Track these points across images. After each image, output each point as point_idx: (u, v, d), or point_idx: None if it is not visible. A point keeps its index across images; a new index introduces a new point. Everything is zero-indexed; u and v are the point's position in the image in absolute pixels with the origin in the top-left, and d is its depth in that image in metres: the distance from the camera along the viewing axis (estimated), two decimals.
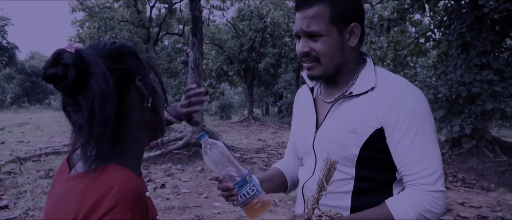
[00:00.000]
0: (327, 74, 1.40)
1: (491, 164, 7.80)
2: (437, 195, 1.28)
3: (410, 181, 1.31)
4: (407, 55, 11.07)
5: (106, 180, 0.88)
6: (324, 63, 1.37)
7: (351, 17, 1.37)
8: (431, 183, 1.28)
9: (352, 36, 1.39)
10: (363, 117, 1.35)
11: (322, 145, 1.44)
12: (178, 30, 22.46)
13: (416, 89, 1.35)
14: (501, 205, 5.65)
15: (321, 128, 1.45)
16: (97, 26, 18.60)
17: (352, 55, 1.42)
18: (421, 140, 1.30)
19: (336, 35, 1.35)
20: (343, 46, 1.38)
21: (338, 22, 1.35)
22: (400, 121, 1.30)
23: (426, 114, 1.32)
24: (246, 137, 14.94)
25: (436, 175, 1.29)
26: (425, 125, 1.31)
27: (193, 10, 9.27)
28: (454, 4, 8.83)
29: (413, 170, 1.30)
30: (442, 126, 8.97)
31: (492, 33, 8.01)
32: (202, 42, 9.62)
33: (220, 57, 23.53)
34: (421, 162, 1.29)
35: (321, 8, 1.33)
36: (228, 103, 29.28)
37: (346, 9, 1.35)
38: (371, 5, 19.75)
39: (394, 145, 1.32)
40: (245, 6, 22.17)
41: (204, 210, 5.27)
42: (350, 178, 1.40)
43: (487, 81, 7.76)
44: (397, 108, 1.31)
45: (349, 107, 1.39)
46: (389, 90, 1.34)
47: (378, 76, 1.39)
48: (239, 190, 1.35)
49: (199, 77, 9.46)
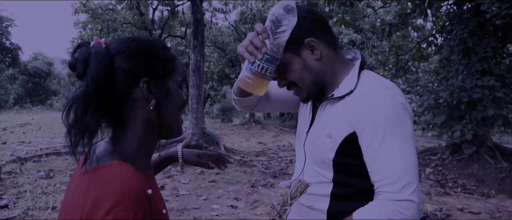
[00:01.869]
0: (312, 93, 1.42)
1: (492, 170, 7.78)
2: (403, 204, 1.18)
3: (377, 189, 1.25)
4: (409, 60, 11.06)
5: (109, 178, 0.91)
6: (303, 87, 1.40)
7: (301, 35, 1.33)
8: (395, 191, 1.19)
9: (313, 50, 1.36)
10: (338, 121, 1.34)
11: (309, 147, 1.48)
12: (180, 32, 22.50)
13: (389, 92, 1.29)
14: (501, 212, 5.64)
15: (310, 130, 1.48)
16: (100, 27, 18.66)
17: (326, 65, 1.39)
18: (390, 145, 1.23)
19: (296, 59, 1.35)
20: (307, 64, 1.36)
21: (291, 48, 1.33)
22: (368, 126, 1.26)
23: (396, 118, 1.25)
24: (246, 140, 14.94)
25: (403, 182, 1.20)
26: (395, 130, 1.24)
27: (195, 12, 9.29)
28: (456, 10, 8.83)
29: (379, 177, 1.24)
30: (443, 131, 8.95)
31: (494, 39, 8.00)
32: (203, 45, 9.64)
33: (222, 60, 23.55)
34: (387, 168, 1.22)
35: None
36: (229, 106, 29.27)
37: (292, 34, 1.30)
38: (373, 9, 19.79)
39: (364, 150, 1.28)
40: (247, 9, 22.20)
41: (203, 212, 5.26)
42: (328, 181, 1.40)
43: (489, 87, 7.75)
44: (365, 112, 1.27)
45: (330, 110, 1.39)
46: (360, 94, 1.31)
47: (361, 79, 1.37)
48: (263, 60, 1.29)
49: (200, 79, 9.47)
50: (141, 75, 0.99)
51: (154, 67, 1.02)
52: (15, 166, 7.45)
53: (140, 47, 1.02)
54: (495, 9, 7.52)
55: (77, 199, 0.91)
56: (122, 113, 1.00)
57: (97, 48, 0.98)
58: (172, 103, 1.05)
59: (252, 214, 5.25)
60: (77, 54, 0.97)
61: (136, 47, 1.01)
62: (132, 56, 1.00)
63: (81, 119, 0.93)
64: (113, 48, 1.00)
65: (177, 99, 1.07)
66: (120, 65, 0.98)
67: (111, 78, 0.97)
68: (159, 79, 1.02)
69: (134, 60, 1.00)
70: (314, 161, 1.44)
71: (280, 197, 1.31)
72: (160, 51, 1.05)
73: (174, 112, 1.07)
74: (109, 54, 0.98)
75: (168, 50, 1.08)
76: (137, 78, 0.99)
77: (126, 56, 0.99)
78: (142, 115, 1.01)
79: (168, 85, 1.04)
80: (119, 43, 1.01)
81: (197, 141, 9.36)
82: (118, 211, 0.84)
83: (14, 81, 39.75)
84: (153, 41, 1.06)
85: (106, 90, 0.95)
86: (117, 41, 1.03)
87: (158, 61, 1.03)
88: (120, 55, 0.99)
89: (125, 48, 1.00)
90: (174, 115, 1.08)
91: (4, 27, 35.58)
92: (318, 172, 1.42)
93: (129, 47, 1.01)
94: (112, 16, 18.45)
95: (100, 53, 0.96)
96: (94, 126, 0.94)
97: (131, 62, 0.99)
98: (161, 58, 1.04)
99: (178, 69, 1.08)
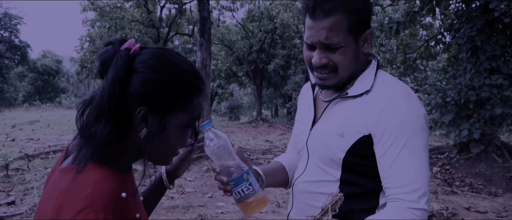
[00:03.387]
0: (341, 83, 1.37)
1: (499, 169, 7.72)
2: (419, 213, 1.22)
3: (392, 195, 1.26)
4: (417, 58, 10.99)
5: (83, 179, 0.90)
6: (341, 73, 1.33)
7: (365, 24, 1.33)
8: (413, 200, 1.22)
9: (365, 43, 1.35)
10: (353, 121, 1.32)
11: (314, 144, 1.44)
12: (188, 30, 22.55)
13: (412, 101, 1.29)
14: (508, 211, 5.59)
15: (315, 127, 1.44)
16: (108, 25, 18.75)
17: (363, 60, 1.39)
18: (409, 154, 1.24)
19: (353, 44, 1.31)
20: (358, 54, 1.34)
21: (355, 31, 1.30)
22: (388, 132, 1.25)
23: (418, 128, 1.26)
24: (253, 138, 14.94)
25: (420, 192, 1.22)
26: (415, 139, 1.25)
27: (201, 10, 9.30)
28: (464, 8, 8.76)
29: (396, 184, 1.25)
30: (451, 130, 8.89)
31: (502, 37, 7.93)
32: (210, 43, 9.64)
33: (230, 58, 23.56)
34: (405, 177, 1.24)
35: (339, 18, 1.27)
36: (237, 104, 29.32)
37: (362, 17, 1.31)
38: (381, 7, 19.68)
39: (380, 155, 1.28)
40: (255, 7, 22.18)
41: (208, 210, 5.28)
42: (335, 180, 1.38)
43: (497, 86, 7.68)
44: (387, 118, 1.26)
45: (343, 108, 1.37)
46: (382, 98, 1.30)
47: (378, 80, 1.35)
48: (234, 187, 1.29)
49: (207, 77, 9.48)
50: (143, 102, 0.95)
51: (159, 100, 0.96)
52: (22, 162, 7.51)
53: (160, 74, 0.96)
54: (504, 7, 7.45)
55: (51, 198, 0.91)
56: (118, 121, 0.96)
57: (121, 54, 0.95)
58: (165, 140, 1.00)
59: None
60: (102, 52, 0.96)
61: (157, 72, 0.96)
62: (146, 82, 0.95)
63: (93, 125, 0.93)
64: (140, 60, 0.96)
65: (173, 139, 1.01)
66: (134, 83, 0.95)
67: (123, 90, 0.94)
68: (160, 113, 0.97)
69: (145, 87, 0.95)
70: (321, 159, 1.41)
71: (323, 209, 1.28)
72: (178, 86, 0.98)
73: (164, 149, 1.02)
74: (130, 66, 0.95)
75: (189, 85, 1.00)
76: (138, 103, 0.95)
77: (142, 77, 0.95)
78: (132, 133, 0.98)
79: (167, 122, 0.98)
80: (148, 58, 0.97)
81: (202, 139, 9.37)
82: (88, 213, 0.84)
83: (23, 79, 40.08)
84: (181, 72, 1.00)
85: (117, 100, 0.93)
86: (150, 53, 0.98)
87: (168, 96, 0.97)
88: (139, 74, 0.95)
89: (147, 68, 0.96)
90: (163, 152, 1.03)
91: (13, 25, 35.88)
92: (325, 170, 1.40)
93: (151, 69, 0.96)
94: (120, 14, 18.53)
95: (121, 62, 0.94)
96: (103, 135, 0.93)
97: (143, 85, 0.95)
98: (174, 94, 0.98)
99: (189, 109, 1.01)
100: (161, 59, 0.98)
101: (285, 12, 20.40)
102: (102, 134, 0.92)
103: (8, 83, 36.61)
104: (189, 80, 1.00)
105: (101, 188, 0.89)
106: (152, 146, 0.98)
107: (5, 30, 35.81)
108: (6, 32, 35.95)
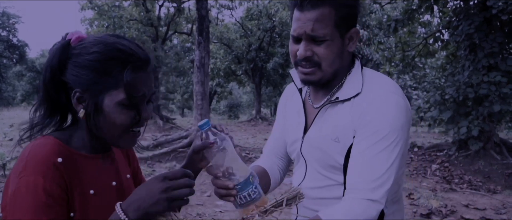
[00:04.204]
0: (324, 80, 1.34)
1: (498, 166, 7.72)
2: (371, 204, 1.23)
3: (350, 185, 1.28)
4: (415, 56, 10.99)
5: (26, 148, 1.01)
6: (324, 68, 1.31)
7: (352, 22, 1.32)
8: (368, 189, 1.23)
9: (351, 41, 1.34)
10: (345, 125, 1.32)
11: (309, 151, 1.43)
12: (186, 29, 22.50)
13: (396, 98, 1.30)
14: (506, 208, 5.59)
15: (308, 134, 1.43)
16: (106, 24, 18.73)
17: (347, 59, 1.38)
18: (379, 148, 1.25)
19: (339, 40, 1.30)
20: (342, 51, 1.33)
21: (341, 27, 1.29)
22: (367, 126, 1.27)
23: (397, 126, 1.27)
24: (253, 137, 14.94)
25: (377, 183, 1.24)
26: (391, 136, 1.26)
27: (200, 9, 9.30)
28: (462, 5, 8.76)
29: (357, 174, 1.27)
30: (449, 128, 8.89)
31: (500, 34, 7.93)
32: (208, 41, 9.64)
33: (228, 56, 23.56)
34: (368, 167, 1.25)
35: (327, 10, 1.26)
36: (236, 103, 29.33)
37: (349, 13, 1.30)
38: (380, 5, 19.67)
39: (353, 147, 1.30)
40: (253, 5, 22.17)
41: (206, 209, 5.27)
42: (338, 184, 1.38)
43: (495, 83, 7.68)
44: (368, 114, 1.27)
45: (334, 113, 1.36)
46: (368, 97, 1.30)
47: (365, 80, 1.35)
48: (239, 191, 1.18)
49: (205, 76, 9.48)
50: (76, 85, 1.02)
51: (88, 80, 1.01)
52: None
53: (87, 56, 1.01)
54: (502, 5, 7.45)
55: None
56: (71, 108, 1.08)
57: (57, 44, 1.05)
58: (105, 119, 1.03)
59: None
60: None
61: (85, 54, 1.02)
62: (76, 64, 1.02)
63: (36, 110, 1.07)
64: (76, 48, 1.04)
65: (113, 117, 1.03)
66: (68, 69, 1.03)
67: (56, 77, 1.03)
68: (92, 92, 1.01)
69: (76, 69, 1.01)
70: (321, 165, 1.40)
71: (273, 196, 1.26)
72: (104, 64, 1.00)
73: (111, 129, 1.04)
74: (66, 54, 1.03)
75: (115, 61, 1.01)
76: (74, 86, 1.03)
77: (73, 62, 1.02)
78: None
79: (100, 100, 1.01)
80: (83, 45, 1.03)
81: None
82: (27, 175, 0.95)
83: (21, 78, 40.01)
84: (114, 50, 1.02)
85: (54, 86, 1.04)
86: (88, 41, 1.04)
87: (95, 75, 1.00)
88: (72, 59, 1.03)
89: (78, 53, 1.03)
90: (111, 131, 1.05)
91: (11, 24, 35.81)
92: (327, 176, 1.39)
93: (81, 52, 1.02)
94: (118, 13, 18.48)
95: (55, 51, 1.03)
96: (44, 119, 1.07)
97: (73, 69, 1.02)
98: (101, 72, 1.00)
99: (123, 87, 1.01)
100: (94, 43, 1.02)
101: (284, 10, 20.40)
102: (43, 118, 1.06)
103: (6, 82, 36.56)
104: (115, 56, 1.01)
105: (35, 152, 0.99)
106: (97, 126, 1.04)
107: (3, 29, 35.74)
108: (4, 31, 35.89)
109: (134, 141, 1.11)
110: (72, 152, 1.06)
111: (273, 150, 1.65)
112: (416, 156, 9.37)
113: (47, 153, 0.99)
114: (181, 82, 29.39)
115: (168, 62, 19.89)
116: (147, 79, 1.06)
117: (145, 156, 8.51)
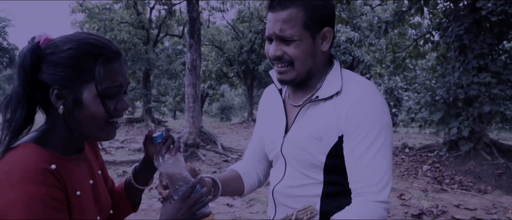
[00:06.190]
0: (299, 79, 1.36)
1: (489, 167, 7.78)
2: (381, 205, 1.27)
3: (358, 188, 1.30)
4: (406, 57, 11.05)
5: (10, 159, 0.99)
6: (297, 67, 1.33)
7: (324, 22, 1.33)
8: (376, 192, 1.27)
9: (324, 41, 1.35)
10: (328, 124, 1.33)
11: (290, 150, 1.43)
12: (178, 31, 22.45)
13: (378, 98, 1.33)
14: (497, 208, 5.64)
15: (289, 133, 1.43)
16: (97, 27, 18.59)
17: (322, 59, 1.39)
18: (377, 149, 1.28)
19: (309, 40, 1.31)
20: (315, 51, 1.34)
21: (311, 27, 1.30)
22: (358, 129, 1.29)
23: (385, 124, 1.31)
24: (245, 139, 14.94)
25: (382, 184, 1.27)
26: (382, 135, 1.29)
27: (191, 11, 9.29)
28: (452, 7, 8.83)
29: (362, 178, 1.29)
30: (440, 128, 8.95)
31: (490, 35, 8.00)
32: (200, 44, 9.63)
33: (220, 59, 23.55)
34: (370, 170, 1.28)
35: (295, 11, 1.28)
36: (228, 105, 29.30)
37: (319, 14, 1.31)
38: (371, 7, 19.77)
39: (349, 150, 1.31)
40: (245, 8, 22.19)
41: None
42: (318, 182, 1.39)
43: (485, 84, 7.74)
44: (356, 115, 1.29)
45: (316, 112, 1.37)
46: (351, 97, 1.32)
47: (344, 80, 1.37)
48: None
49: (197, 78, 9.46)
50: (53, 83, 1.03)
51: (65, 76, 1.03)
52: None
53: (60, 54, 1.03)
54: (491, 6, 7.52)
55: None
56: (47, 109, 1.09)
57: (27, 46, 1.05)
58: (85, 112, 1.05)
59: (248, 213, 5.25)
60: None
61: (58, 52, 1.04)
62: (51, 63, 1.03)
63: (13, 112, 1.05)
64: (47, 48, 1.05)
65: (92, 110, 1.05)
66: (43, 69, 1.04)
67: (36, 78, 1.04)
68: (70, 88, 1.04)
69: (51, 68, 1.03)
70: (301, 164, 1.41)
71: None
72: (78, 59, 1.04)
73: (91, 122, 1.07)
74: (39, 55, 1.03)
75: (88, 55, 1.04)
76: (49, 86, 1.04)
77: (48, 61, 1.04)
78: (57, 115, 1.07)
79: (79, 94, 1.04)
80: (53, 44, 1.05)
81: (194, 140, 9.35)
82: (24, 186, 0.93)
83: (11, 82, 39.68)
84: (87, 45, 1.05)
85: (29, 86, 1.03)
86: (57, 40, 1.07)
87: (71, 70, 1.03)
88: (46, 59, 1.04)
89: (50, 52, 1.04)
90: (91, 125, 1.08)
91: (1, 28, 35.48)
92: (306, 175, 1.41)
93: (53, 51, 1.04)
94: (109, 16, 18.36)
95: (24, 51, 1.04)
96: (20, 120, 1.05)
97: (49, 68, 1.03)
98: (76, 67, 1.03)
99: (99, 79, 1.04)
100: (65, 41, 1.05)
101: None
102: (19, 119, 1.04)
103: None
104: (88, 51, 1.05)
105: (28, 162, 0.97)
106: (77, 122, 1.06)
107: None
108: None
109: (114, 132, 1.14)
110: (58, 156, 1.07)
111: (253, 154, 1.67)
112: (407, 157, 9.41)
113: (36, 160, 0.99)
114: (173, 84, 29.30)
115: (159, 64, 19.79)
116: (122, 70, 1.10)
117: (136, 159, 8.47)
